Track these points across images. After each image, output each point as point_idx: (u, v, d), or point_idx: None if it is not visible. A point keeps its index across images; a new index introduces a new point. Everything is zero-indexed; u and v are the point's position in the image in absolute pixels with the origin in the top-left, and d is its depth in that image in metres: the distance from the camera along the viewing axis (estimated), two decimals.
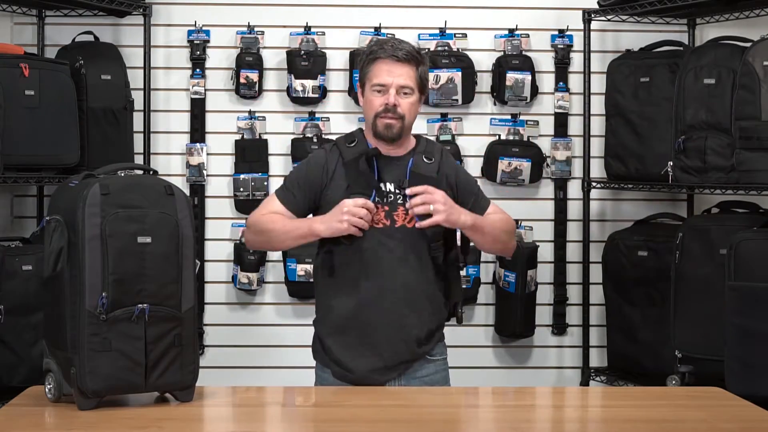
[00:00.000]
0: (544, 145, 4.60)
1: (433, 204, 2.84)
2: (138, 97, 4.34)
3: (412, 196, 2.86)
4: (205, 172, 4.53)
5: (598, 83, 4.48)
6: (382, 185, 2.93)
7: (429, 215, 2.85)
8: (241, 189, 4.51)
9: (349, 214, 2.83)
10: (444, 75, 4.46)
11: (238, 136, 4.55)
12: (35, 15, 4.44)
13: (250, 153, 4.53)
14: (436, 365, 3.01)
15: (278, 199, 2.99)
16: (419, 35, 4.57)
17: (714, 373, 3.56)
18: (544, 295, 4.62)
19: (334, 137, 4.46)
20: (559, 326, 4.65)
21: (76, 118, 3.99)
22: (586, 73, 4.50)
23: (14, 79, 3.76)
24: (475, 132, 4.59)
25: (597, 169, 4.52)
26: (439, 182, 2.94)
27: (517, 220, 4.54)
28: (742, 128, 3.72)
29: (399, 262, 2.91)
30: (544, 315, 4.62)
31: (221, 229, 4.56)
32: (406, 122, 2.94)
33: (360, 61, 3.03)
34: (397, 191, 2.93)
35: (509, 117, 4.58)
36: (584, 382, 4.48)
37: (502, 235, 3.03)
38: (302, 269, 4.38)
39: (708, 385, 2.96)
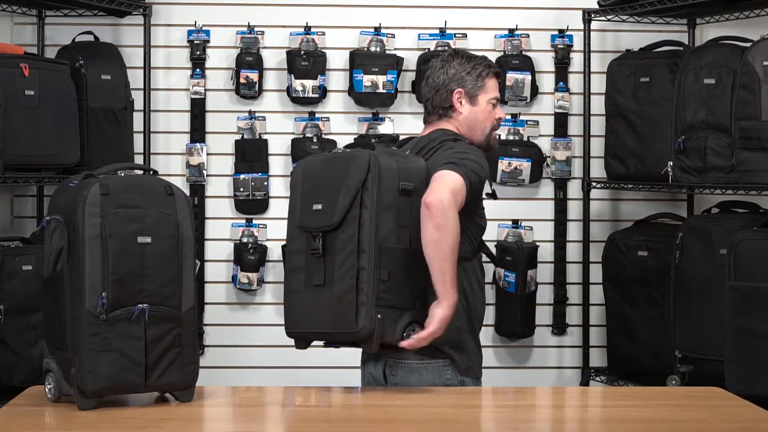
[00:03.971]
0: (544, 145, 4.60)
1: None
2: (138, 97, 4.34)
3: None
4: (205, 172, 4.53)
5: (598, 83, 4.48)
6: None
7: None
8: (241, 189, 4.51)
9: None
10: None
11: (238, 136, 4.55)
12: (35, 15, 4.43)
13: (250, 153, 4.53)
14: None
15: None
16: (419, 35, 4.57)
17: (714, 373, 3.56)
18: (544, 295, 4.62)
19: (334, 137, 4.50)
20: (559, 326, 4.65)
21: (76, 118, 3.99)
22: (586, 73, 4.50)
23: (14, 79, 3.76)
24: None
25: (597, 169, 4.52)
26: None
27: (517, 220, 4.57)
28: (742, 128, 3.72)
29: None
30: (544, 315, 4.62)
31: (221, 229, 4.56)
32: None
33: (469, 71, 2.96)
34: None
35: (509, 117, 4.58)
36: (584, 382, 4.48)
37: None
38: None
39: (708, 385, 2.96)
